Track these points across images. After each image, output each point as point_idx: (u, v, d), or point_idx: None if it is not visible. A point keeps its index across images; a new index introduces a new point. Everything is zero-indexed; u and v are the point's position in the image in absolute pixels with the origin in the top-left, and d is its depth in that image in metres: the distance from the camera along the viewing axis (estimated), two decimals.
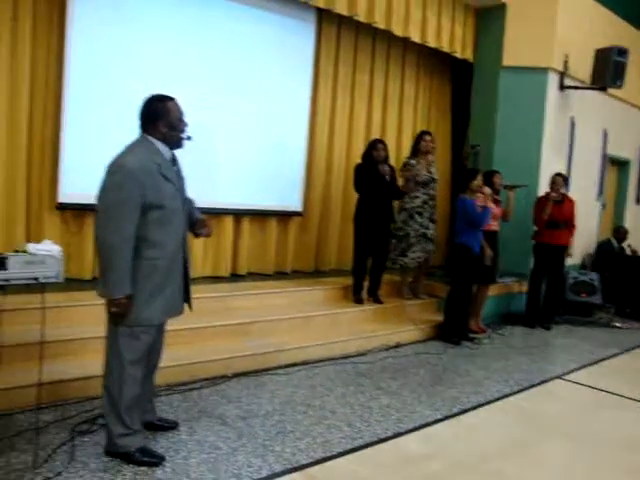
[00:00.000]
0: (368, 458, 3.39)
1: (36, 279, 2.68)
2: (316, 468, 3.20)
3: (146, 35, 5.48)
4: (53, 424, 3.43)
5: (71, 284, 4.86)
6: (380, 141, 6.13)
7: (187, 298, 3.31)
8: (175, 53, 5.65)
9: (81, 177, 5.10)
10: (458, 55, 7.68)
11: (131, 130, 3.16)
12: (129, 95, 5.19)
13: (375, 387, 4.56)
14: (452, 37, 7.51)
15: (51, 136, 5.20)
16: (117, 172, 2.89)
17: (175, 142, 3.13)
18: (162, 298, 3.06)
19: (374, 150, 5.98)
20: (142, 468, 3.03)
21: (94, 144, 5.13)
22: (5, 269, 2.57)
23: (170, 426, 3.52)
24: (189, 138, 3.18)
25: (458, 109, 8.48)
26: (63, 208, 5.25)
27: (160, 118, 3.04)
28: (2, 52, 4.88)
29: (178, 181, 3.16)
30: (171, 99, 3.12)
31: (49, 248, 2.76)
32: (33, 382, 3.33)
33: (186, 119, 3.17)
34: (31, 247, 2.74)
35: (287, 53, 6.54)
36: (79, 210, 5.32)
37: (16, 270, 2.60)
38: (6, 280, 2.59)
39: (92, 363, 3.83)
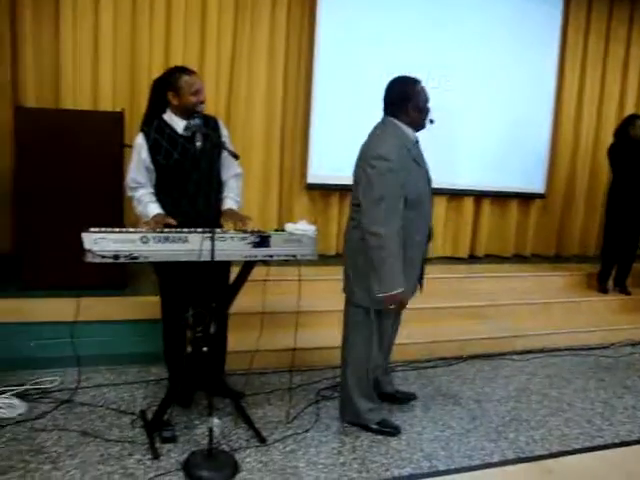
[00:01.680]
0: (609, 460, 3.20)
1: (294, 256, 2.97)
2: (552, 461, 3.12)
3: (388, 19, 5.62)
4: (301, 386, 3.80)
5: (317, 259, 5.23)
6: (638, 117, 5.60)
7: (420, 279, 3.32)
8: (416, 35, 5.72)
9: (328, 159, 5.50)
10: None
11: (373, 114, 3.19)
12: (371, 80, 5.35)
13: (619, 384, 4.27)
14: None
15: (302, 121, 5.62)
16: (377, 166, 2.87)
17: (420, 125, 3.09)
18: (405, 279, 3.13)
19: (630, 127, 5.49)
20: (378, 437, 3.23)
21: (339, 127, 5.47)
22: (268, 246, 2.90)
23: (407, 398, 3.66)
24: (432, 122, 3.11)
25: None
26: (311, 188, 5.67)
27: (409, 101, 3.00)
28: (262, 43, 5.34)
29: (424, 163, 3.17)
30: (418, 81, 3.07)
31: (305, 228, 3.00)
32: (287, 347, 3.73)
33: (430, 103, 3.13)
34: (290, 226, 3.02)
35: (532, 25, 6.22)
36: (325, 190, 5.71)
37: (277, 247, 2.92)
38: (270, 256, 2.92)
39: (336, 334, 4.12)
